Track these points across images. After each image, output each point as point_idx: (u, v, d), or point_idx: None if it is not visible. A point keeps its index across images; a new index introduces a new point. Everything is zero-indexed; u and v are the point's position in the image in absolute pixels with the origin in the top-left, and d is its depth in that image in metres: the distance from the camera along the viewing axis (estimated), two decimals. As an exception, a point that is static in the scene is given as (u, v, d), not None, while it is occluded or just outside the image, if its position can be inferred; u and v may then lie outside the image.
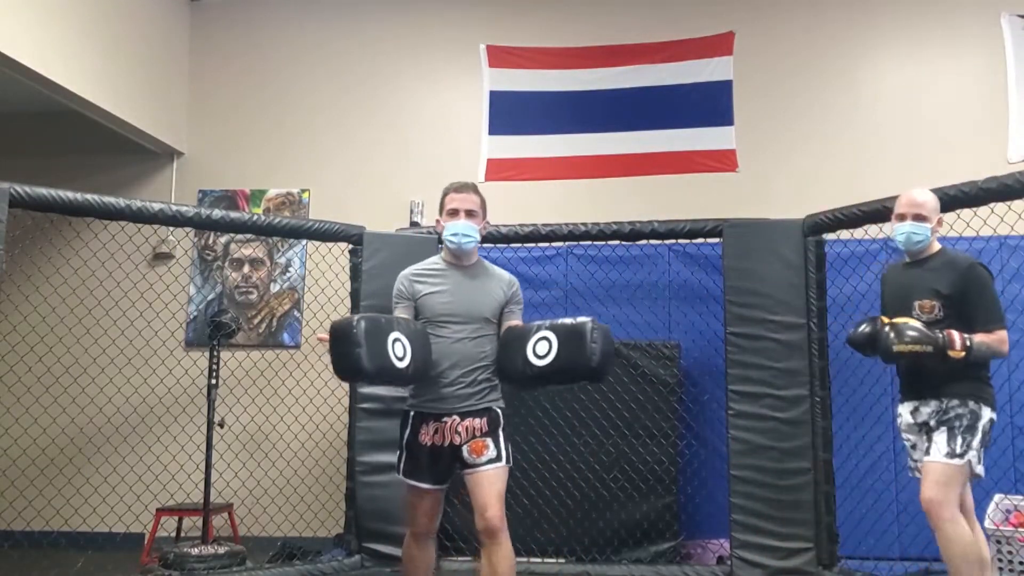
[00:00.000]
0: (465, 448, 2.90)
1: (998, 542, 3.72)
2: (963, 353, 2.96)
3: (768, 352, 4.26)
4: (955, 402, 3.04)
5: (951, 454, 2.98)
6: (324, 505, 5.19)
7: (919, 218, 3.17)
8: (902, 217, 3.21)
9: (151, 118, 5.53)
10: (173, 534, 5.11)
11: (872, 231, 4.41)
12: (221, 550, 4.29)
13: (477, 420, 2.93)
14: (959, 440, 2.99)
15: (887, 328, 3.08)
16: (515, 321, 3.08)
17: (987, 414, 3.05)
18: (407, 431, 2.99)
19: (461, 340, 2.95)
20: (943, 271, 3.14)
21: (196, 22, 6.07)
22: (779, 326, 4.27)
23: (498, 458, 2.91)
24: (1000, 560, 3.71)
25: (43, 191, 3.87)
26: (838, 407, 4.40)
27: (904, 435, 3.26)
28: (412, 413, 2.99)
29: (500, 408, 3.02)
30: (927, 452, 3.07)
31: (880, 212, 4.05)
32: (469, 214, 3.05)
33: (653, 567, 4.31)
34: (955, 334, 2.98)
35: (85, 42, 4.89)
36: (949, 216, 3.93)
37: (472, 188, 3.14)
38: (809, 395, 4.20)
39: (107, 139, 5.57)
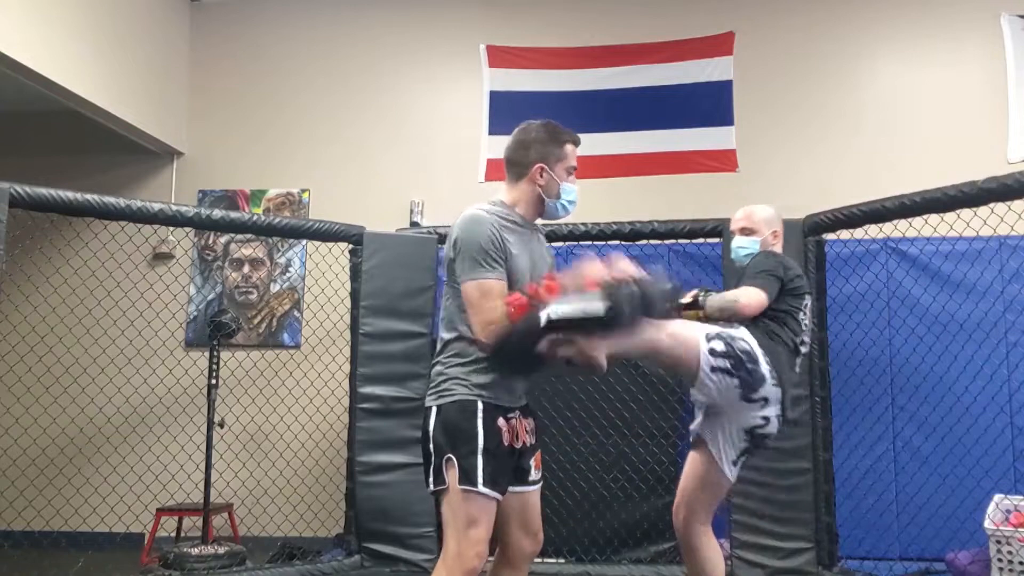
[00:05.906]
0: (532, 461, 2.44)
1: (998, 542, 3.72)
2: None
3: (768, 352, 4.25)
4: None
5: None
6: (324, 505, 5.19)
7: None
8: None
9: (151, 118, 5.53)
10: (173, 534, 5.11)
11: (872, 231, 4.41)
12: (221, 550, 4.29)
13: (530, 422, 2.46)
14: None
15: None
16: None
17: None
18: (483, 429, 2.26)
19: None
20: None
21: (196, 22, 6.07)
22: (779, 326, 4.26)
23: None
24: (1000, 560, 3.71)
25: (43, 191, 3.87)
26: (838, 407, 4.39)
27: None
28: (481, 404, 2.29)
29: None
30: None
31: (880, 212, 4.05)
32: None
33: (653, 567, 4.31)
34: None
35: (85, 42, 4.89)
36: (949, 216, 3.96)
37: None
38: (809, 395, 4.19)
39: (107, 139, 5.56)
